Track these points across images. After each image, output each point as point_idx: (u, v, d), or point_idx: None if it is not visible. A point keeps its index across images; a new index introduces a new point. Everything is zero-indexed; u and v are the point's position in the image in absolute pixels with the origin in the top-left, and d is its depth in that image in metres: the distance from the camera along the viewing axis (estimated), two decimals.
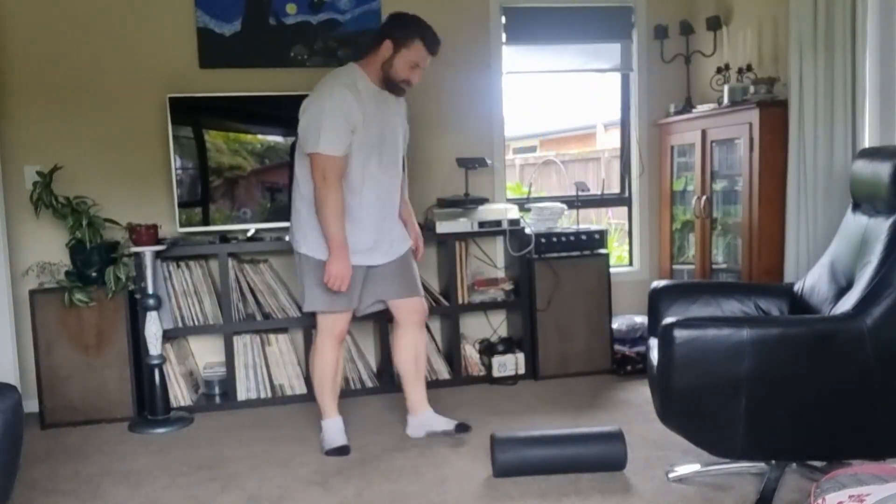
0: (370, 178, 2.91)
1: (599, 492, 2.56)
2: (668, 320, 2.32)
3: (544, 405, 3.53)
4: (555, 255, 3.93)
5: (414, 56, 2.86)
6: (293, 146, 3.69)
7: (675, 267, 4.32)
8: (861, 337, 2.24)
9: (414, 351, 3.15)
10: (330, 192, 2.79)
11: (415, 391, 3.18)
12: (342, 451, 3.01)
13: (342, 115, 2.77)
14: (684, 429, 2.43)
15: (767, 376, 2.27)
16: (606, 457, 2.68)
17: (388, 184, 2.99)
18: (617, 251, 4.95)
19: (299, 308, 3.76)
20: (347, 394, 3.79)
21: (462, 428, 3.11)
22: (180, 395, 3.66)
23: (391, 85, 2.92)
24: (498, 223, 3.88)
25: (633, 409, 3.40)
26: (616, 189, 4.62)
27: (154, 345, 3.48)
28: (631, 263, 4.59)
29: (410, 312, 3.12)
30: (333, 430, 3.08)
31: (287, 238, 3.24)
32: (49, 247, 3.74)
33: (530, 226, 3.96)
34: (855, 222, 2.64)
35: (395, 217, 3.07)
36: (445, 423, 3.14)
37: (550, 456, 2.68)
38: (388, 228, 3.02)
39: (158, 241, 3.52)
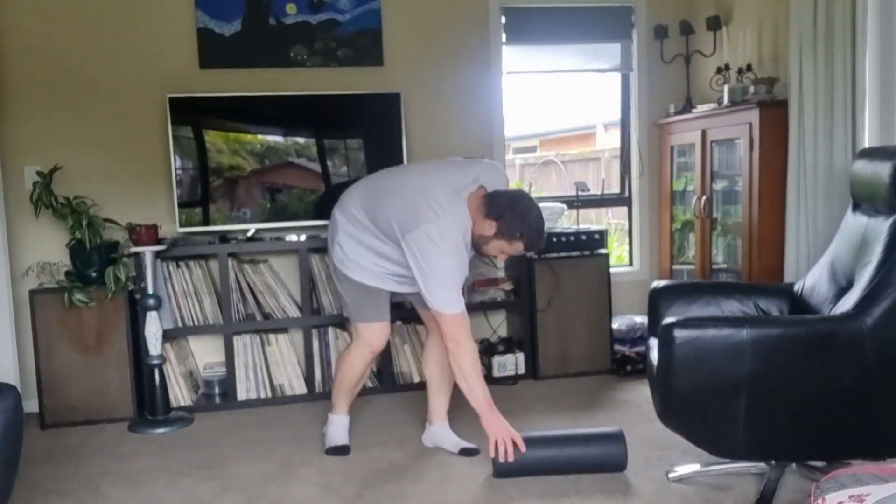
0: None
1: (600, 492, 2.56)
2: (668, 320, 2.32)
3: (544, 405, 3.53)
4: (555, 255, 3.93)
5: (510, 250, 2.75)
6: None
7: (675, 267, 4.32)
8: (861, 337, 2.24)
9: (440, 363, 3.04)
10: (463, 351, 2.69)
11: (435, 401, 3.10)
12: (342, 450, 3.01)
13: (458, 277, 2.68)
14: (684, 429, 2.43)
15: (767, 376, 2.27)
16: (607, 458, 2.68)
17: None
18: (617, 251, 4.95)
19: (299, 308, 3.77)
20: None
21: (466, 452, 2.97)
22: (180, 395, 3.66)
23: (476, 247, 2.78)
24: None
25: (633, 409, 3.40)
26: (616, 189, 4.61)
27: (154, 345, 3.48)
28: (631, 263, 4.59)
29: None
30: (339, 426, 3.09)
31: (327, 250, 3.08)
32: (49, 247, 3.74)
33: None
34: (855, 222, 2.64)
35: None
36: (452, 445, 3.02)
37: (551, 457, 2.68)
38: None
39: (158, 241, 3.52)
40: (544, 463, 2.67)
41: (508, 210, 2.68)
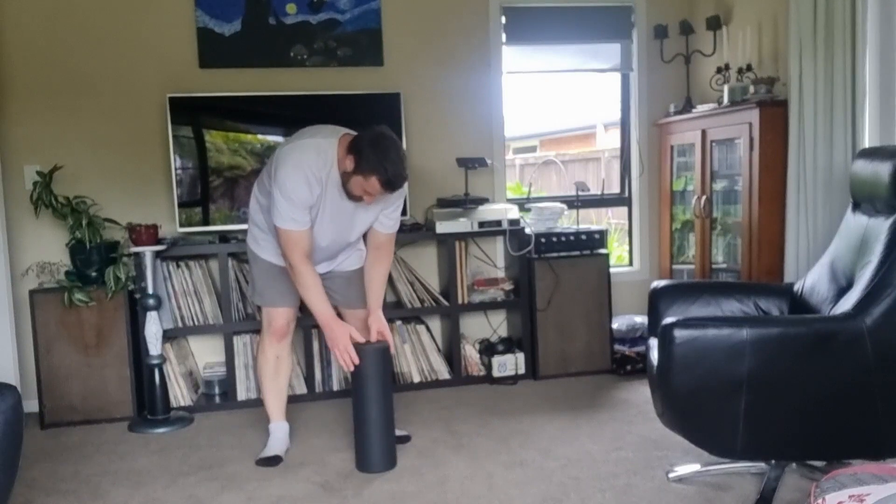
0: (320, 245, 2.88)
1: (600, 491, 2.56)
2: (668, 320, 2.32)
3: (544, 405, 3.53)
4: (555, 255, 3.93)
5: (368, 187, 2.68)
6: None
7: (675, 267, 4.32)
8: (861, 337, 2.24)
9: None
10: (297, 273, 2.77)
11: None
12: (272, 461, 2.93)
13: (301, 198, 2.70)
14: (684, 429, 2.43)
15: (767, 376, 2.27)
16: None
17: (331, 251, 2.97)
18: (617, 251, 4.95)
19: (299, 308, 3.76)
20: (347, 393, 3.79)
21: (401, 439, 3.04)
22: (180, 395, 3.66)
23: (347, 191, 2.75)
24: (498, 223, 3.88)
25: (633, 409, 3.40)
26: (616, 189, 4.61)
27: (154, 345, 3.48)
28: (631, 263, 4.59)
29: (358, 320, 3.06)
30: (275, 435, 3.06)
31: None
32: (49, 247, 3.74)
33: (530, 226, 3.96)
34: (855, 222, 2.64)
35: (345, 257, 3.06)
36: None
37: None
38: (340, 259, 3.06)
39: (158, 241, 3.52)
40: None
41: (368, 145, 2.64)
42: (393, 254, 3.14)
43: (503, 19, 4.20)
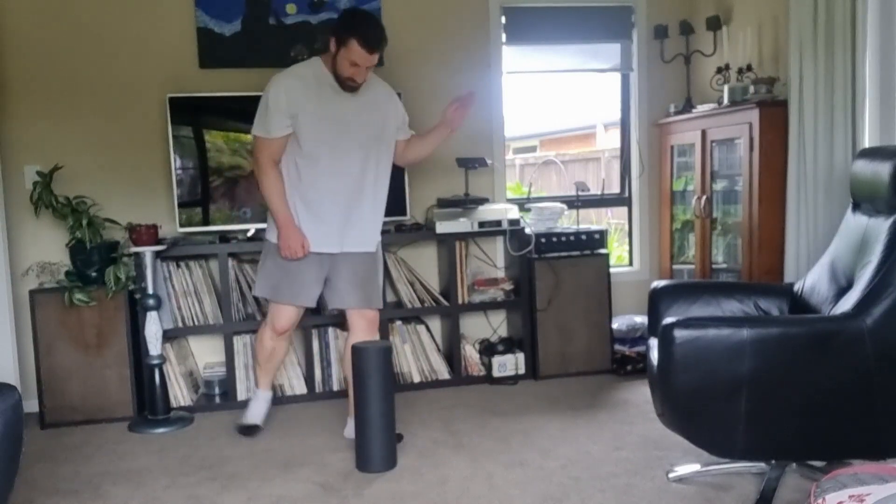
0: (330, 170, 2.95)
1: (600, 491, 2.56)
2: (668, 320, 2.32)
3: (544, 405, 3.53)
4: (555, 255, 3.93)
5: (351, 55, 2.82)
6: None
7: (675, 267, 4.32)
8: (861, 337, 2.24)
9: None
10: (262, 173, 2.95)
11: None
12: (250, 430, 3.17)
13: (277, 102, 2.87)
14: (684, 429, 2.43)
15: (767, 376, 2.27)
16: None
17: (354, 175, 2.98)
18: (617, 251, 4.96)
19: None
20: (346, 394, 3.79)
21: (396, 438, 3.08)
22: (180, 395, 3.66)
23: (339, 81, 2.91)
24: (498, 223, 3.88)
25: (633, 409, 3.40)
26: (616, 189, 4.61)
27: (154, 345, 3.48)
28: (631, 263, 4.59)
29: (359, 317, 3.10)
30: (260, 399, 3.29)
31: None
32: (49, 247, 3.74)
33: (530, 226, 3.96)
34: (855, 222, 2.64)
35: (362, 213, 3.04)
36: None
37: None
38: (355, 218, 3.02)
39: (158, 241, 3.51)
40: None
41: (341, 19, 2.91)
42: None
43: (503, 19, 4.20)
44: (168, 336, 3.63)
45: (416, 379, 3.88)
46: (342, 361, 3.35)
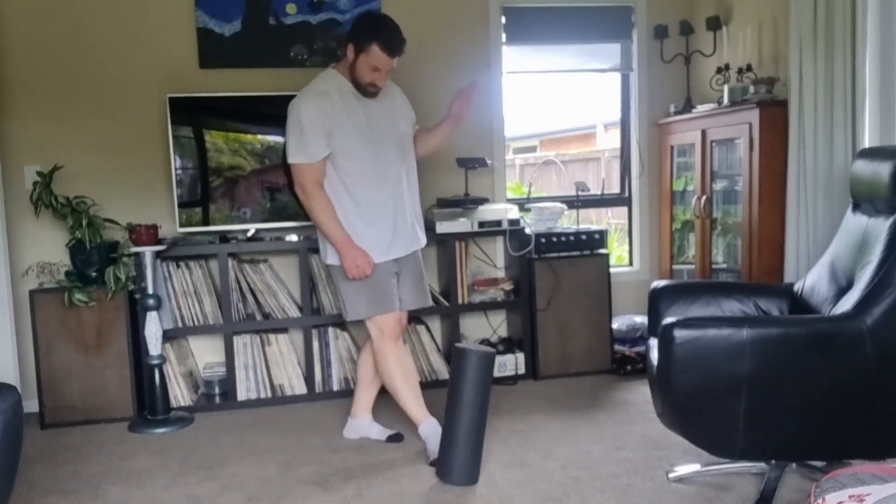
0: (375, 178, 2.90)
1: (600, 491, 2.56)
2: (668, 320, 2.32)
3: (544, 405, 3.53)
4: (555, 255, 3.93)
5: (373, 60, 2.81)
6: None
7: (675, 267, 4.32)
8: (861, 337, 2.24)
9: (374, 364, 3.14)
10: (310, 199, 2.85)
11: (364, 396, 3.20)
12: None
13: (311, 125, 2.79)
14: (684, 429, 2.43)
15: (767, 376, 2.27)
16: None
17: (394, 178, 2.96)
18: (617, 251, 4.95)
19: (299, 308, 3.77)
20: (347, 394, 3.79)
21: (393, 439, 3.11)
22: (180, 395, 3.66)
23: (359, 88, 2.88)
24: (498, 223, 3.88)
25: (633, 409, 3.40)
26: (616, 189, 4.61)
27: (154, 345, 3.48)
28: (631, 263, 4.59)
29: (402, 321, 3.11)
30: (434, 435, 2.86)
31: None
32: (49, 247, 3.74)
33: (530, 226, 3.96)
34: (855, 222, 2.64)
35: (407, 207, 3.01)
36: (379, 433, 3.15)
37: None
38: (402, 219, 2.98)
39: (158, 241, 3.51)
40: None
41: (359, 24, 2.89)
42: None
43: (503, 19, 4.20)
44: (168, 336, 3.63)
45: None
46: (360, 362, 3.21)
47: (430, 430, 2.94)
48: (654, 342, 2.65)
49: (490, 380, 2.70)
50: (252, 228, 3.76)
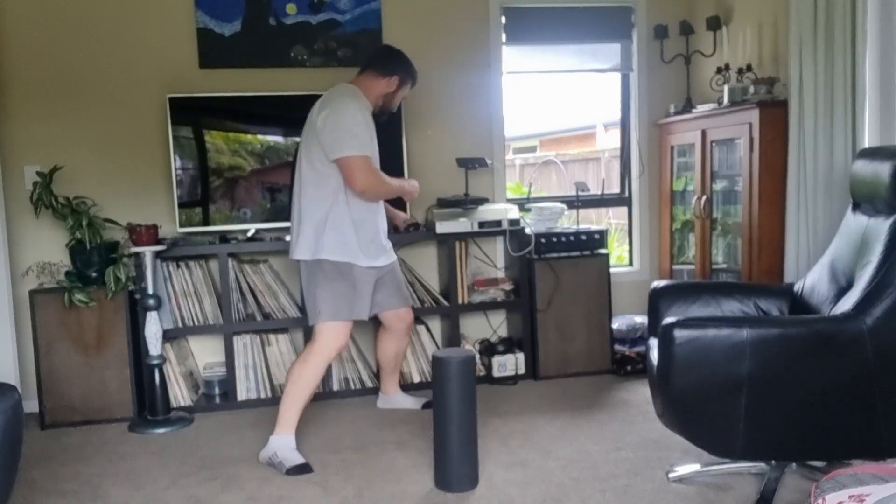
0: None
1: (600, 491, 2.56)
2: (668, 320, 2.32)
3: (544, 405, 3.53)
4: (555, 255, 3.93)
5: (405, 93, 3.24)
6: (295, 153, 3.73)
7: (675, 267, 4.32)
8: (861, 337, 2.24)
9: (396, 350, 3.51)
10: (371, 183, 2.96)
11: (390, 379, 3.59)
12: (304, 468, 2.85)
13: (364, 125, 2.97)
14: (684, 429, 2.43)
15: (767, 376, 2.27)
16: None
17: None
18: (617, 251, 4.95)
19: (299, 308, 3.76)
20: (347, 394, 3.80)
21: (427, 405, 3.39)
22: (180, 395, 3.66)
23: (380, 111, 3.15)
24: (498, 223, 3.88)
25: (633, 409, 3.40)
26: (616, 189, 4.62)
27: (154, 345, 3.48)
28: (631, 263, 4.59)
29: (399, 320, 3.40)
30: (291, 447, 2.94)
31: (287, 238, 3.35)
32: (49, 247, 3.74)
33: (530, 226, 3.96)
34: (855, 222, 2.64)
35: (384, 225, 3.21)
36: (413, 403, 3.55)
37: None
38: (384, 234, 3.17)
39: (158, 242, 3.51)
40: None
41: (398, 61, 3.16)
42: None
43: (503, 19, 4.20)
44: (168, 336, 3.63)
45: (417, 379, 3.88)
46: (378, 350, 3.55)
47: (284, 443, 2.94)
48: (654, 342, 2.65)
49: (473, 383, 2.64)
50: (252, 228, 3.76)
